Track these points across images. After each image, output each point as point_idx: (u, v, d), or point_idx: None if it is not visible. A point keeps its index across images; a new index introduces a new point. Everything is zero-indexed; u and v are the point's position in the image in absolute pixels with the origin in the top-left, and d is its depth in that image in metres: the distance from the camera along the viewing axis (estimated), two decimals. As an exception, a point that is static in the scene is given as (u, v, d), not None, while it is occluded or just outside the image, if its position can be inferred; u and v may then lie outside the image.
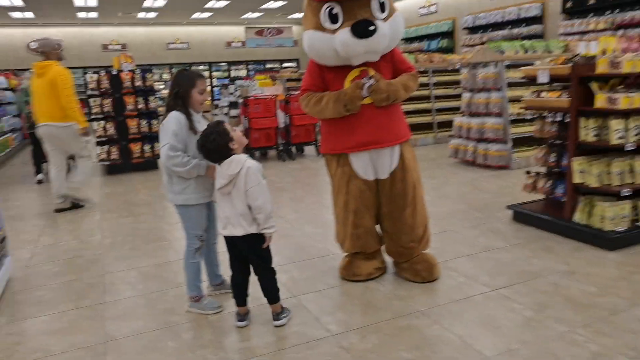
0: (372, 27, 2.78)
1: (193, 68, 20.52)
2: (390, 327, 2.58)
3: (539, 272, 3.19)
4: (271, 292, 2.68)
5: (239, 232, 2.52)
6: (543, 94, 4.00)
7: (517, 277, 3.13)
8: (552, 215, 3.97)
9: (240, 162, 2.49)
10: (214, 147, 2.47)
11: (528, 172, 4.36)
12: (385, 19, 2.90)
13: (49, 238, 4.54)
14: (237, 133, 2.56)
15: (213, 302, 2.89)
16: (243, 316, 2.70)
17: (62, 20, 17.83)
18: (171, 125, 2.58)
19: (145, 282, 3.37)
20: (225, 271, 2.85)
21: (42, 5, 14.70)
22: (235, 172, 2.46)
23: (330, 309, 2.84)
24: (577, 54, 3.81)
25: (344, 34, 2.81)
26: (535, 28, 11.75)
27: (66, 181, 5.44)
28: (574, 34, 10.55)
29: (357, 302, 2.90)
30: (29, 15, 16.28)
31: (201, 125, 2.66)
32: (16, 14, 16.06)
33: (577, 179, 3.69)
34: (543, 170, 4.29)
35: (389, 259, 3.33)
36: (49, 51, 5.30)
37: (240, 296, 2.70)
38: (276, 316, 2.68)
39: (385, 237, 3.24)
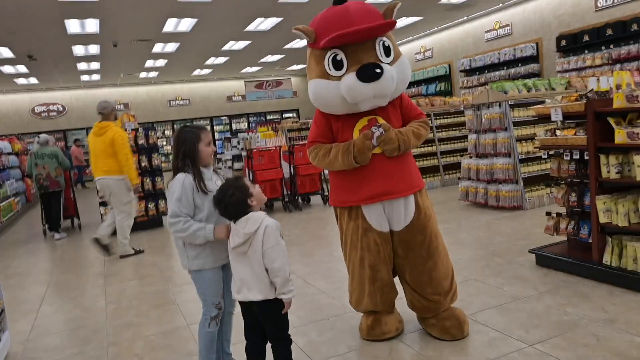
0: (378, 70, 2.69)
1: (195, 123, 20.79)
2: (423, 395, 2.34)
3: (577, 321, 2.96)
4: None
5: (254, 297, 2.32)
6: (558, 132, 3.89)
7: (553, 329, 2.90)
8: (579, 258, 3.76)
9: (257, 220, 2.33)
10: (232, 202, 2.33)
11: (549, 214, 4.19)
12: (391, 63, 2.82)
13: (50, 307, 4.33)
14: (256, 189, 2.41)
15: None
16: None
17: (65, 84, 18.21)
18: (175, 190, 2.43)
19: (152, 353, 3.14)
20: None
21: (45, 70, 15.01)
22: (252, 230, 2.29)
23: (355, 376, 2.60)
24: (590, 90, 3.72)
25: (350, 79, 2.72)
26: (531, 67, 11.89)
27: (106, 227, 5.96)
28: (571, 70, 10.65)
29: (383, 366, 2.66)
30: (34, 80, 16.61)
31: (212, 182, 2.51)
32: (21, 80, 16.40)
33: (603, 218, 3.51)
34: (564, 210, 4.12)
35: (408, 314, 3.11)
36: (109, 113, 5.85)
37: None
38: None
39: (407, 290, 3.02)
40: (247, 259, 2.32)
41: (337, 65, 2.80)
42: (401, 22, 13.21)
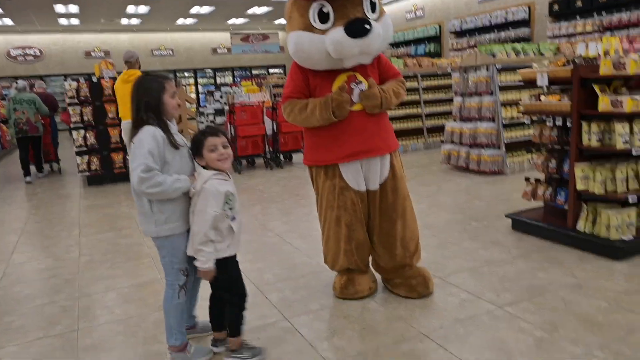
0: (367, 26, 2.60)
1: (177, 74, 20.26)
2: (392, 354, 2.37)
3: (546, 286, 3.01)
4: (229, 324, 2.41)
5: (188, 252, 2.29)
6: (542, 98, 3.84)
7: (523, 292, 2.94)
8: (554, 224, 3.80)
9: (203, 178, 2.24)
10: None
11: (527, 179, 4.19)
12: (377, 20, 2.74)
13: (22, 256, 4.26)
14: (216, 153, 2.26)
15: (201, 348, 2.47)
16: (216, 341, 2.49)
17: (43, 27, 17.46)
18: (145, 142, 2.15)
19: (124, 306, 3.12)
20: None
21: (22, 12, 14.33)
22: (198, 187, 2.23)
23: (326, 333, 2.61)
24: (578, 55, 3.65)
25: (338, 33, 2.62)
26: (522, 31, 11.71)
27: None
28: (562, 36, 10.52)
29: (355, 325, 2.68)
30: (8, 22, 15.89)
31: (179, 137, 2.32)
32: (-5, 21, 15.68)
33: (580, 185, 3.53)
34: (543, 177, 4.12)
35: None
36: (134, 62, 6.28)
37: (214, 318, 2.48)
38: (230, 352, 2.40)
39: (375, 252, 3.02)
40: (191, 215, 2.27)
41: (323, 17, 2.69)
42: (393, -22, 12.80)
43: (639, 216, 3.49)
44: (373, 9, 2.73)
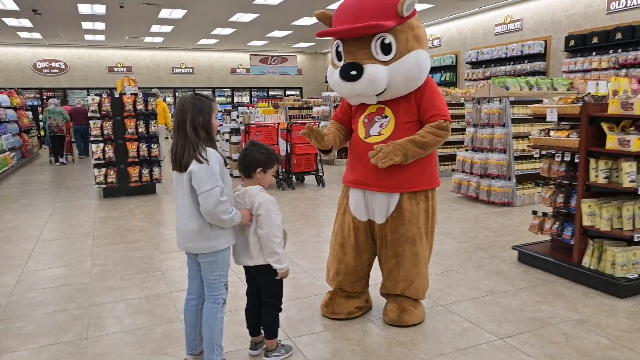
0: (353, 72, 2.71)
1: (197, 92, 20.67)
2: (390, 378, 2.41)
3: (548, 319, 3.03)
4: (269, 327, 2.60)
5: (248, 262, 2.49)
6: (552, 133, 3.91)
7: (525, 324, 2.97)
8: (559, 258, 3.82)
9: (252, 194, 2.45)
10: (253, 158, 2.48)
11: (535, 213, 4.23)
12: (390, 61, 2.72)
13: (36, 264, 4.38)
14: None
15: None
16: (256, 345, 2.67)
17: (69, 42, 18.01)
18: (215, 165, 2.23)
19: (133, 317, 3.20)
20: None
21: (50, 26, 14.83)
22: (249, 204, 2.45)
23: (327, 354, 2.66)
24: (588, 93, 3.73)
25: (335, 75, 2.85)
26: (538, 65, 11.81)
27: None
28: (576, 71, 10.60)
29: (356, 347, 2.73)
30: (37, 35, 16.43)
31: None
32: (24, 34, 16.21)
33: (586, 221, 3.56)
34: (550, 210, 4.16)
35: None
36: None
37: (253, 324, 2.65)
38: (267, 352, 2.60)
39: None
40: (241, 226, 2.44)
41: (339, 56, 2.87)
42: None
43: (645, 255, 3.51)
44: (387, 51, 2.71)
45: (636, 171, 3.37)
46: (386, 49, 2.71)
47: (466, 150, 6.93)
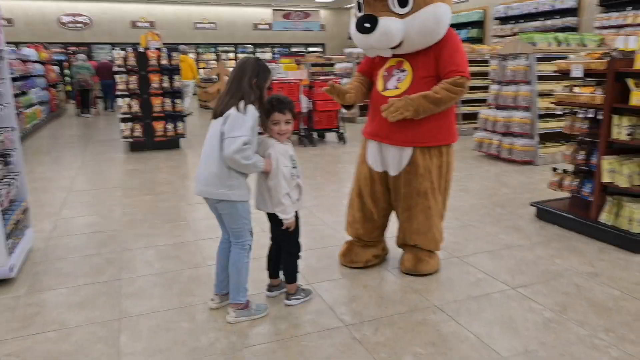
0: (367, 25, 2.74)
1: (218, 48, 20.56)
2: (404, 321, 2.54)
3: (562, 272, 3.11)
4: (288, 272, 2.75)
5: (265, 208, 2.62)
6: (576, 89, 3.86)
7: (538, 276, 3.05)
8: (577, 214, 3.86)
9: (268, 145, 2.53)
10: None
11: (555, 169, 4.24)
12: (407, 14, 2.73)
13: (70, 211, 4.61)
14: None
15: (261, 305, 2.68)
16: (272, 287, 2.84)
17: (92, -4, 17.96)
18: (250, 119, 2.35)
19: (162, 262, 3.39)
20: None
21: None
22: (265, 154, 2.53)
23: (345, 299, 2.81)
24: (615, 49, 3.65)
25: (352, 26, 2.88)
26: (569, 20, 11.39)
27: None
28: (610, 27, 10.21)
29: (372, 293, 2.86)
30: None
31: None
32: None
33: (606, 178, 3.57)
34: (570, 167, 4.17)
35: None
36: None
37: (272, 267, 2.82)
38: (287, 296, 2.76)
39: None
40: (261, 174, 2.56)
41: (359, 7, 2.92)
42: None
43: (664, 212, 3.52)
44: (403, 4, 2.71)
45: (660, 128, 3.34)
46: (403, 1, 2.71)
47: (489, 108, 6.86)
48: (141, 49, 7.59)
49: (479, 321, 2.53)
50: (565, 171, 4.16)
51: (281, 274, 2.82)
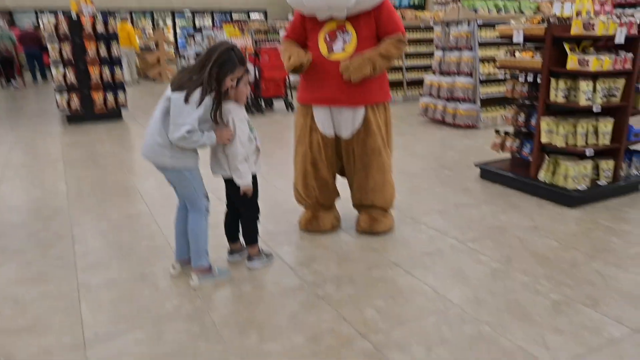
0: None
1: (155, 15, 19.61)
2: (364, 278, 2.66)
3: (506, 227, 3.33)
4: (248, 234, 2.77)
5: (219, 174, 2.63)
6: (517, 54, 4.04)
7: (485, 231, 3.25)
8: (518, 173, 4.10)
9: (228, 110, 2.50)
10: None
11: (497, 132, 4.46)
12: None
13: (9, 186, 4.37)
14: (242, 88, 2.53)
15: (223, 269, 2.71)
16: (232, 252, 2.87)
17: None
18: (200, 110, 2.30)
19: (116, 234, 3.32)
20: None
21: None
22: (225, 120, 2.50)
23: (306, 260, 2.88)
24: (553, 15, 3.84)
25: None
26: (506, -12, 11.73)
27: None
28: (544, -5, 10.61)
29: (332, 253, 2.95)
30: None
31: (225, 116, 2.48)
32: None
33: (544, 138, 3.80)
34: (511, 130, 4.40)
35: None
36: None
37: (230, 232, 2.84)
38: (249, 258, 2.79)
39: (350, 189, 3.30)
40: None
41: None
42: None
43: (594, 168, 3.81)
44: None
45: (592, 90, 3.58)
46: None
47: (434, 74, 7.04)
48: (74, 16, 7.14)
49: (433, 274, 2.69)
50: (506, 133, 4.38)
51: (241, 237, 2.85)
